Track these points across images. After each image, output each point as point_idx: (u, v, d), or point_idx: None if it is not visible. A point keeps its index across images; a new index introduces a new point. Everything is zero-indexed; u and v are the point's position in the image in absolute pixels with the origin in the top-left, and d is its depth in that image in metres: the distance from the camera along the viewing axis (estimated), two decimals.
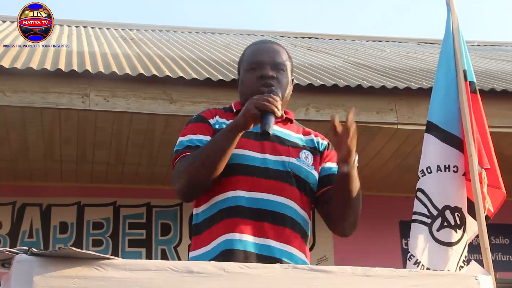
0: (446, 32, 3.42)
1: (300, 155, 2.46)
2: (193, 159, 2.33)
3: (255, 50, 2.59)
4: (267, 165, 2.39)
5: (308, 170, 2.46)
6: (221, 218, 2.33)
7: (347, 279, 1.92)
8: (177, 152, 2.42)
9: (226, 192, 2.35)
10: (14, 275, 1.71)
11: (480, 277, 2.03)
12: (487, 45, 12.26)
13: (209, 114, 2.51)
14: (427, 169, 3.32)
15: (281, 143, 2.45)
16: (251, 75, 2.51)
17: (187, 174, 2.32)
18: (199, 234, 2.39)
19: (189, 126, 2.49)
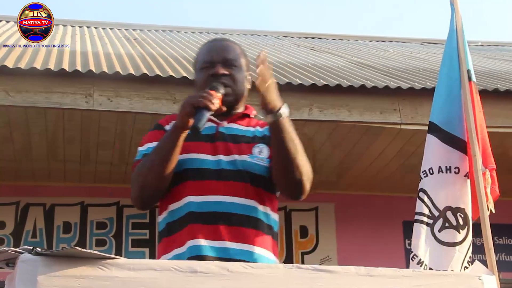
0: (450, 32, 3.42)
1: (253, 150, 2.42)
2: (142, 166, 2.34)
3: (206, 50, 2.57)
4: (220, 166, 2.37)
5: (262, 164, 2.41)
6: (179, 226, 2.32)
7: (350, 279, 1.93)
8: (136, 162, 2.43)
9: (180, 199, 2.34)
10: (19, 275, 1.72)
11: (484, 277, 2.03)
12: (491, 45, 12.24)
13: (165, 121, 2.51)
14: (429, 170, 3.32)
15: (233, 141, 2.43)
16: (203, 75, 2.49)
17: (137, 182, 2.33)
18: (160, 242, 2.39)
19: (147, 135, 2.49)
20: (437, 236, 3.20)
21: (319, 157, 6.61)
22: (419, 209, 3.30)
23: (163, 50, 8.05)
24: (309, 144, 6.29)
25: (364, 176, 7.00)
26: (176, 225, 2.33)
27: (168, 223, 2.37)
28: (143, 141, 2.47)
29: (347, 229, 7.28)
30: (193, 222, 2.30)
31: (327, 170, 6.92)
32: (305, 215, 7.30)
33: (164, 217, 2.40)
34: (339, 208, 7.38)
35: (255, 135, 2.49)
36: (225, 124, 2.47)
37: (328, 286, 1.89)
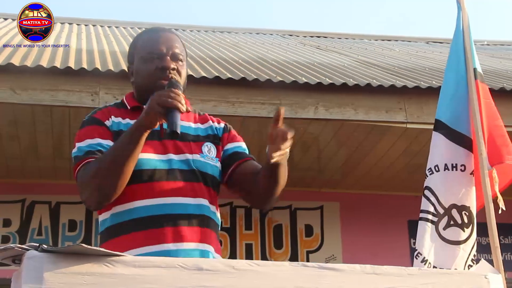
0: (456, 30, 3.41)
1: (203, 149, 2.38)
2: (99, 165, 2.19)
3: (152, 39, 2.44)
4: (172, 166, 2.30)
5: (213, 164, 2.39)
6: (127, 230, 2.23)
7: (356, 277, 1.93)
8: (78, 159, 2.28)
9: (130, 202, 2.25)
10: (25, 272, 1.72)
11: (490, 276, 2.02)
12: (497, 44, 12.22)
13: (103, 115, 2.36)
14: (435, 168, 3.31)
15: (181, 139, 2.34)
16: (148, 66, 2.38)
17: (94, 182, 2.19)
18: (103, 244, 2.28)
19: (85, 130, 2.33)
20: (441, 234, 3.20)
21: (324, 156, 6.60)
22: (424, 207, 3.30)
23: None
24: (314, 142, 6.30)
25: (369, 175, 6.99)
26: (123, 229, 2.24)
27: (116, 224, 2.26)
28: (81, 136, 2.32)
29: (352, 228, 7.27)
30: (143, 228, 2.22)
31: (332, 169, 6.92)
32: (310, 214, 7.30)
33: (107, 218, 2.29)
34: (344, 207, 7.37)
35: (199, 134, 2.43)
36: None
37: (333, 284, 1.88)
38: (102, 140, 2.28)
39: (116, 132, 2.32)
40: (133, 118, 2.31)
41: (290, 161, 2.36)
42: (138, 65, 2.43)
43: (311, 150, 6.45)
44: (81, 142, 2.30)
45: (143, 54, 2.41)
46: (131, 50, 2.52)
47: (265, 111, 5.56)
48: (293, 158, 6.61)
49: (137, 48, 2.46)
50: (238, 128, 5.85)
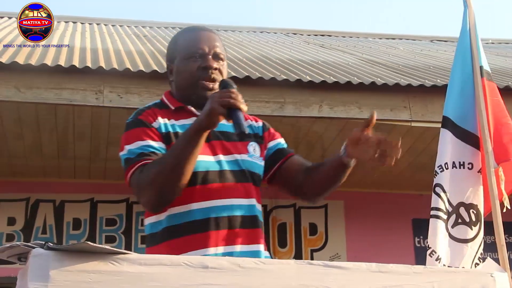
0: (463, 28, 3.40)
1: (248, 148, 2.39)
2: (160, 168, 2.18)
3: (194, 38, 2.43)
4: (222, 167, 2.30)
5: (259, 164, 2.41)
6: (189, 231, 2.23)
7: (361, 275, 1.92)
8: (131, 161, 2.25)
9: (187, 204, 2.25)
10: (31, 269, 1.72)
11: (496, 274, 2.02)
12: (501, 43, 12.19)
13: (149, 116, 2.33)
14: (445, 165, 3.30)
15: (228, 139, 2.35)
16: (191, 65, 2.37)
17: (156, 185, 2.17)
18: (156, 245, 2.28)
19: (133, 132, 2.31)
20: (450, 232, 3.19)
21: (329, 154, 6.56)
22: (435, 204, 3.28)
23: None
24: (318, 141, 6.29)
25: (373, 173, 6.99)
26: (178, 232, 2.24)
27: (171, 226, 2.26)
28: (129, 138, 2.30)
29: (357, 226, 7.27)
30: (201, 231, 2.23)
31: None
32: (315, 212, 7.30)
33: (160, 220, 2.28)
34: (348, 206, 7.37)
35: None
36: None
37: (339, 282, 1.88)
38: (152, 142, 2.27)
39: (164, 134, 2.30)
40: (178, 119, 2.33)
41: None
42: (179, 64, 2.41)
43: (315, 149, 6.45)
44: (131, 144, 2.28)
45: (184, 53, 2.40)
46: (171, 48, 2.50)
47: (269, 110, 5.56)
48: None
49: (178, 46, 2.44)
50: None
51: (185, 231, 2.24)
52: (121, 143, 2.33)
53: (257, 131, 2.48)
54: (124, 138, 2.32)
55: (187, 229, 2.24)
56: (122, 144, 2.31)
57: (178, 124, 2.34)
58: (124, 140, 2.32)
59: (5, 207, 6.82)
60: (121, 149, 2.31)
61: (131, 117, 2.38)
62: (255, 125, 2.50)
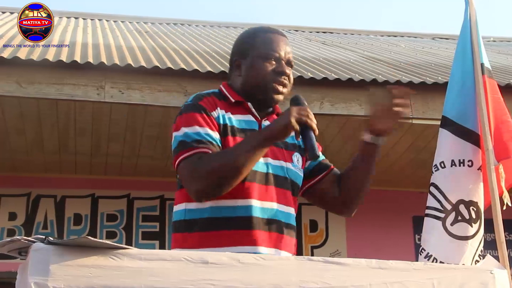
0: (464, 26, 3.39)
1: (293, 158, 2.41)
2: (223, 162, 2.18)
3: (272, 40, 2.45)
4: (269, 170, 2.32)
5: (300, 175, 2.43)
6: (232, 226, 2.24)
7: (361, 271, 1.93)
8: (187, 145, 2.24)
9: (236, 199, 2.25)
10: (31, 264, 1.72)
11: (496, 271, 2.02)
12: (503, 41, 12.19)
13: (209, 104, 2.33)
14: (440, 164, 3.31)
15: (276, 145, 2.37)
16: (266, 65, 2.38)
17: (215, 176, 2.17)
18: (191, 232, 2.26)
19: (192, 115, 2.30)
20: (449, 230, 3.19)
21: (330, 151, 6.57)
22: (429, 204, 3.29)
23: (174, 43, 8.05)
24: (319, 138, 6.26)
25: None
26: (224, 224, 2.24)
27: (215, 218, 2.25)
28: (188, 121, 2.28)
29: (357, 223, 7.26)
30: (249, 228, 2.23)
31: (338, 164, 6.84)
32: (315, 209, 7.19)
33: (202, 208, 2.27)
34: None
35: (288, 142, 2.44)
36: (264, 121, 2.41)
37: (339, 278, 1.89)
38: (211, 132, 2.27)
39: (222, 125, 2.31)
40: (235, 113, 2.34)
41: None
42: (254, 61, 2.41)
43: None
44: (188, 127, 2.27)
45: (262, 53, 2.41)
46: (245, 43, 2.49)
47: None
48: None
49: (256, 44, 2.44)
50: None
51: (227, 226, 2.24)
52: (177, 123, 2.31)
53: (300, 143, 2.47)
54: (182, 119, 2.30)
55: (232, 224, 2.24)
56: (179, 124, 2.30)
57: (234, 118, 2.35)
58: (181, 121, 2.30)
59: (6, 202, 6.83)
60: (177, 129, 2.30)
61: (190, 100, 2.37)
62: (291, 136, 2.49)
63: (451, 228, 3.19)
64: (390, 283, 1.91)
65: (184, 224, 2.30)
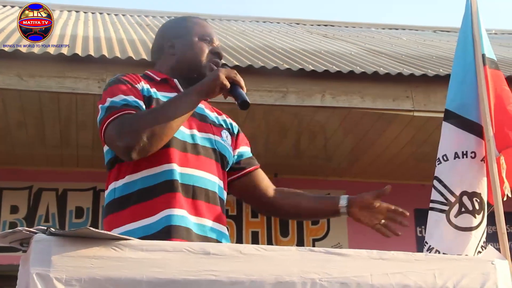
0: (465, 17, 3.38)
1: (222, 134, 2.45)
2: (152, 116, 2.18)
3: (206, 25, 2.59)
4: (195, 141, 2.33)
5: (229, 150, 2.46)
6: (159, 192, 2.21)
7: (362, 262, 1.93)
8: (113, 109, 2.22)
9: (161, 165, 2.23)
10: (33, 255, 1.72)
11: (497, 262, 2.02)
12: (504, 33, 12.17)
13: (133, 79, 2.35)
14: (443, 157, 3.30)
15: (203, 120, 2.41)
16: (204, 45, 2.48)
17: (145, 130, 2.13)
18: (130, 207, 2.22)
19: (117, 87, 2.29)
20: (453, 222, 3.18)
21: (331, 144, 6.60)
22: (433, 197, 3.29)
23: None
24: (321, 131, 6.29)
25: (376, 163, 6.99)
26: (154, 191, 2.21)
27: (145, 188, 2.22)
28: (113, 92, 2.27)
29: None
30: (176, 191, 2.22)
31: (339, 157, 6.91)
32: None
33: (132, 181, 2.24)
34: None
35: (217, 121, 2.49)
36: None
37: (340, 269, 1.89)
38: (137, 99, 2.27)
39: (146, 97, 2.31)
40: (161, 90, 2.37)
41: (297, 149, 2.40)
42: (191, 40, 2.49)
43: (317, 138, 6.44)
44: (114, 97, 2.26)
45: (199, 33, 2.51)
46: (179, 27, 2.57)
47: (272, 99, 5.56)
48: (300, 146, 6.64)
49: (189, 26, 2.55)
50: (244, 116, 5.87)
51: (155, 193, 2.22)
52: (102, 97, 2.30)
53: (230, 127, 2.55)
54: (106, 92, 2.30)
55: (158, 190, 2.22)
56: (104, 97, 2.28)
57: (160, 94, 2.36)
58: (106, 94, 2.29)
59: (8, 195, 6.83)
60: (102, 102, 2.28)
61: (113, 78, 2.39)
62: (231, 122, 2.57)
63: (455, 220, 3.18)
64: (392, 273, 1.92)
65: (116, 203, 2.27)
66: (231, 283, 1.80)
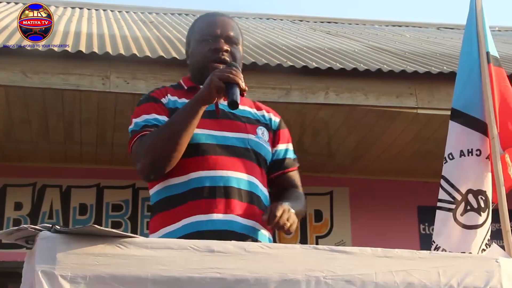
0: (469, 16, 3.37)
1: (257, 131, 2.44)
2: (157, 136, 2.26)
3: (208, 22, 2.53)
4: (226, 142, 2.34)
5: (266, 147, 2.44)
6: (186, 199, 2.27)
7: (367, 260, 1.93)
8: (134, 132, 2.34)
9: (188, 173, 2.29)
10: (38, 252, 1.73)
11: (501, 260, 2.03)
12: (508, 30, 12.15)
13: (160, 93, 2.43)
14: (448, 156, 3.30)
15: (237, 119, 2.41)
16: (203, 48, 2.45)
17: (151, 152, 2.24)
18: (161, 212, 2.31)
19: (142, 107, 2.40)
20: (459, 220, 3.18)
21: (335, 141, 6.60)
22: (441, 196, 3.29)
23: (179, 33, 8.04)
24: (324, 128, 6.29)
25: (379, 160, 6.98)
26: (181, 199, 2.27)
27: (173, 195, 2.30)
28: (137, 113, 2.39)
29: (362, 213, 7.28)
30: (203, 197, 2.26)
31: (342, 154, 6.91)
32: (320, 199, 7.30)
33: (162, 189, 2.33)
34: (353, 193, 7.37)
35: (254, 117, 2.48)
36: (222, 101, 2.42)
37: (345, 266, 1.89)
38: (158, 116, 2.34)
39: (172, 109, 2.37)
40: (189, 98, 2.36)
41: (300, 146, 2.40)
42: (193, 47, 2.50)
43: (321, 136, 6.44)
44: (138, 117, 2.36)
45: (198, 37, 2.49)
46: (188, 34, 2.60)
47: (275, 96, 5.55)
48: (304, 143, 6.64)
49: (194, 31, 2.54)
50: None
51: (180, 201, 2.27)
52: (131, 118, 2.41)
53: (269, 123, 2.52)
54: (133, 113, 2.41)
55: (185, 197, 2.27)
56: (131, 118, 2.40)
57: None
58: (133, 115, 2.40)
59: (12, 192, 6.84)
60: (130, 123, 2.40)
61: (143, 96, 2.48)
62: (272, 118, 2.55)
63: (461, 218, 3.17)
64: (396, 271, 1.92)
65: (154, 208, 2.39)
66: (235, 280, 1.81)
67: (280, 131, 2.55)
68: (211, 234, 2.17)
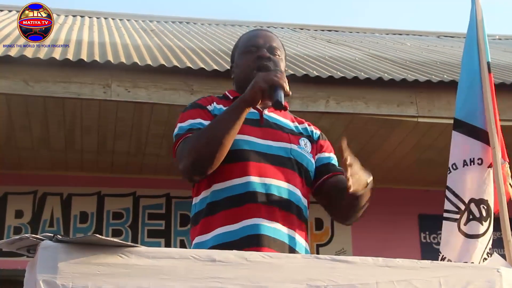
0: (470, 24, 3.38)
1: (300, 142, 2.45)
2: (199, 137, 2.26)
3: (251, 36, 2.57)
4: (270, 151, 2.35)
5: (308, 157, 2.45)
6: (228, 205, 2.27)
7: (368, 269, 1.93)
8: (178, 136, 2.36)
9: (234, 178, 2.29)
10: (40, 261, 1.73)
11: (503, 270, 2.02)
12: (508, 39, 12.16)
13: (206, 101, 2.47)
14: (452, 166, 3.31)
15: (280, 129, 2.43)
16: (247, 58, 2.48)
17: (194, 152, 2.24)
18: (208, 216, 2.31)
19: (187, 113, 2.43)
20: (462, 230, 3.18)
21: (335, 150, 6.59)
22: (446, 207, 3.30)
23: (180, 42, 8.06)
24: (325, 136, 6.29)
25: (380, 169, 6.97)
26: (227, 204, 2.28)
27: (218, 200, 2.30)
28: (183, 118, 2.40)
29: (362, 221, 7.17)
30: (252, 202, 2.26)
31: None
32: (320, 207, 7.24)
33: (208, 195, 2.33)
34: None
35: (296, 129, 2.50)
36: (265, 112, 2.45)
37: (346, 276, 1.89)
38: (203, 121, 2.36)
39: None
40: None
41: None
42: (237, 60, 2.54)
43: None
44: (183, 122, 2.39)
45: (242, 49, 2.53)
46: (232, 51, 2.64)
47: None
48: None
49: (238, 45, 2.58)
50: None
51: (226, 206, 2.28)
52: (176, 124, 2.42)
53: (312, 135, 2.54)
54: (179, 118, 2.42)
55: (228, 203, 2.28)
56: (176, 123, 2.41)
57: None
58: (178, 120, 2.42)
59: (13, 200, 6.84)
60: (175, 128, 2.41)
61: (189, 104, 2.50)
62: (312, 130, 2.57)
63: (464, 227, 3.18)
64: (397, 281, 1.92)
65: (194, 217, 2.38)
66: None
67: (323, 142, 2.57)
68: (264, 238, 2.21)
